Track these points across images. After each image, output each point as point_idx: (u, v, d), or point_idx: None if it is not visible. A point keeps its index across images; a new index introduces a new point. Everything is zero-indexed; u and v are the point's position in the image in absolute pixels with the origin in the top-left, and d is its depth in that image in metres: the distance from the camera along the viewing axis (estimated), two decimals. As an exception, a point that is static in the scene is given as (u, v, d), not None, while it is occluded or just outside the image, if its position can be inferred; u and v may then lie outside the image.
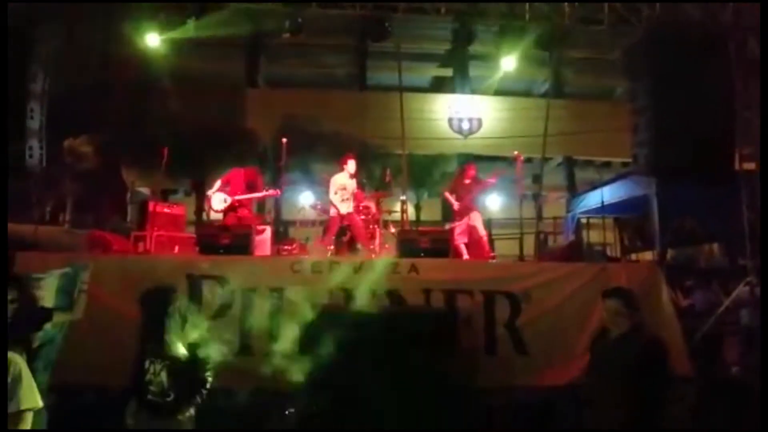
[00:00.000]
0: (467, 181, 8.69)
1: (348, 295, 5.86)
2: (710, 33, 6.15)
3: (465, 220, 8.36)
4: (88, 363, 5.42)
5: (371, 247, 7.90)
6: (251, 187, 7.95)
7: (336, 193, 7.88)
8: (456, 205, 8.50)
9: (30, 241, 6.40)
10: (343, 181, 7.99)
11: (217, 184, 8.02)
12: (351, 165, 8.10)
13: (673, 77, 6.05)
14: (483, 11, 8.36)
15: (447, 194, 8.73)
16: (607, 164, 18.78)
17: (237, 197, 7.82)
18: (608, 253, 10.99)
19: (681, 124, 5.91)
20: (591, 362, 3.78)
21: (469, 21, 8.30)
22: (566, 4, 7.55)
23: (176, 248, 7.57)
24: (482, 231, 8.39)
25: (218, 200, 7.88)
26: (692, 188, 6.56)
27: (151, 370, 4.20)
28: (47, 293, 5.50)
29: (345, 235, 8.17)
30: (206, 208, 7.92)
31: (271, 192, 8.15)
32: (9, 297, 3.87)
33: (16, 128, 5.64)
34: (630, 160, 11.87)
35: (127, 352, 5.30)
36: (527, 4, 7.87)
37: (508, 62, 9.15)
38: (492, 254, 8.58)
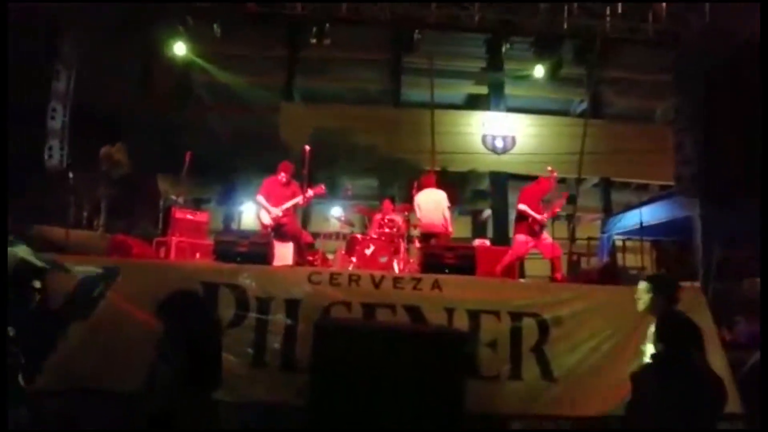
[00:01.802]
0: (543, 196, 7.69)
1: (367, 309, 5.61)
2: (761, 46, 5.76)
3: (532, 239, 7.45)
4: (98, 366, 5.30)
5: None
6: (288, 193, 7.61)
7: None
8: (539, 218, 7.37)
9: (61, 245, 6.41)
10: None
11: (260, 199, 7.66)
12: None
13: (722, 92, 5.67)
14: (518, 26, 8.05)
15: (526, 208, 7.43)
16: (645, 187, 18.22)
17: (280, 208, 7.49)
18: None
19: (729, 142, 5.51)
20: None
21: (504, 34, 7.97)
22: (608, 15, 7.15)
23: (197, 255, 7.47)
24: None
25: (265, 216, 7.58)
26: (739, 210, 6.12)
27: (163, 378, 3.97)
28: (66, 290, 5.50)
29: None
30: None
31: (312, 191, 7.61)
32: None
33: (35, 127, 5.60)
34: (669, 183, 11.42)
35: (136, 357, 5.23)
36: (565, 15, 7.48)
37: (539, 70, 8.73)
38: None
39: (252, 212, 16.63)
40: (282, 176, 7.55)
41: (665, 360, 3.20)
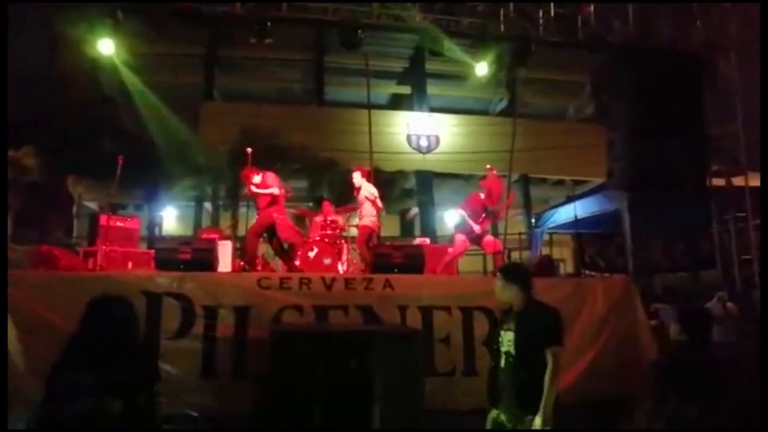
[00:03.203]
0: (485, 201, 7.60)
1: (319, 312, 5.55)
2: (681, 50, 6.25)
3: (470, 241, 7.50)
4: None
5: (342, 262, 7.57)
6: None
7: None
8: (478, 229, 7.37)
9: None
10: None
11: None
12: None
13: (648, 93, 6.08)
14: (454, 30, 8.23)
15: (464, 215, 7.45)
16: (560, 182, 19.18)
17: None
18: (562, 269, 10.96)
19: (656, 139, 5.92)
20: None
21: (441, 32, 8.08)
22: (541, 19, 7.47)
23: (129, 264, 7.08)
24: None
25: None
26: (664, 204, 6.59)
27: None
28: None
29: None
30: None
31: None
32: None
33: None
34: (583, 178, 12.06)
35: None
36: (501, 18, 7.74)
37: (482, 68, 8.82)
38: None
39: (173, 217, 16.10)
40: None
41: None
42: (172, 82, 16.33)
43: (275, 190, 6.97)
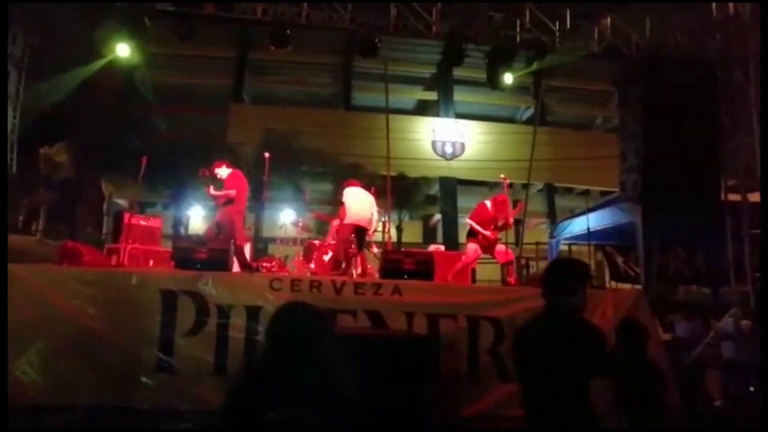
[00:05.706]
0: (494, 213, 7.67)
1: (329, 315, 5.66)
2: (698, 63, 6.20)
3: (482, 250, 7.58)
4: (58, 381, 5.14)
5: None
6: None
7: None
8: (488, 234, 7.48)
9: (-1, 251, 6.11)
10: None
11: None
12: None
13: (663, 106, 6.05)
14: (472, 35, 8.23)
15: (473, 224, 7.57)
16: (587, 192, 18.99)
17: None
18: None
19: (669, 152, 5.89)
20: None
21: (459, 41, 8.07)
22: (557, 29, 7.46)
23: (151, 262, 7.32)
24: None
25: None
26: (678, 217, 6.54)
27: None
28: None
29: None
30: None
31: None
32: None
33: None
34: (609, 189, 11.93)
35: (100, 369, 5.15)
36: (518, 27, 7.75)
37: (508, 78, 8.68)
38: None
39: (200, 216, 16.43)
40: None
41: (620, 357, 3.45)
42: (204, 82, 16.79)
43: (231, 192, 7.00)
